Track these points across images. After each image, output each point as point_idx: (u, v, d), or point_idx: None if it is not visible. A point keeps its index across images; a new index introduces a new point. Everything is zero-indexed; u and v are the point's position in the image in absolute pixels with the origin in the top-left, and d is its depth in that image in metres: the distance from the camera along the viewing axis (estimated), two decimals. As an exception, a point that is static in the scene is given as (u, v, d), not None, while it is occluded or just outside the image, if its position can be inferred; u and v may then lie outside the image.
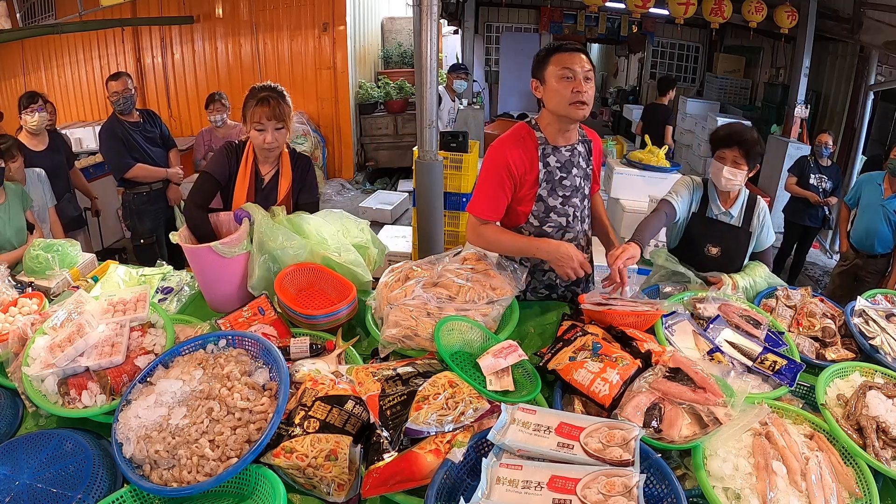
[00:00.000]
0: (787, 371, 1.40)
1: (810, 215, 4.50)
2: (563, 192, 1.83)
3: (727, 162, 1.98)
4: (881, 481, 1.19)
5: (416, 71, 2.93)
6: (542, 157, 1.79)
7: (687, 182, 2.13)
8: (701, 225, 2.10)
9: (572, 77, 1.66)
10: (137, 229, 3.60)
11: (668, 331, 1.57)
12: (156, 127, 3.60)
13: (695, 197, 2.10)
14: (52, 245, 2.01)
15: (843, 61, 5.81)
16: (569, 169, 1.83)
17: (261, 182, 2.05)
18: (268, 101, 1.89)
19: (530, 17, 8.26)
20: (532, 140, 1.79)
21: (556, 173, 1.81)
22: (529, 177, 1.79)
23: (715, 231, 2.08)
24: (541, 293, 1.98)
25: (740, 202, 2.09)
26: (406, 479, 1.07)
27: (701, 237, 2.08)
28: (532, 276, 1.95)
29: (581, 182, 1.88)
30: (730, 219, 2.08)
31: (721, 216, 2.08)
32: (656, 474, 1.08)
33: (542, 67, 1.71)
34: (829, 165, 4.46)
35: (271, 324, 1.60)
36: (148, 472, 1.11)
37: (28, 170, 2.97)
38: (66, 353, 1.32)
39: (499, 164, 1.77)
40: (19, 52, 7.38)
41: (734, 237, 2.07)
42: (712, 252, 2.05)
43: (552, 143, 1.81)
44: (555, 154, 1.81)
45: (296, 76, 7.15)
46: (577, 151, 1.86)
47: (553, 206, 1.83)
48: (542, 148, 1.79)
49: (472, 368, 1.43)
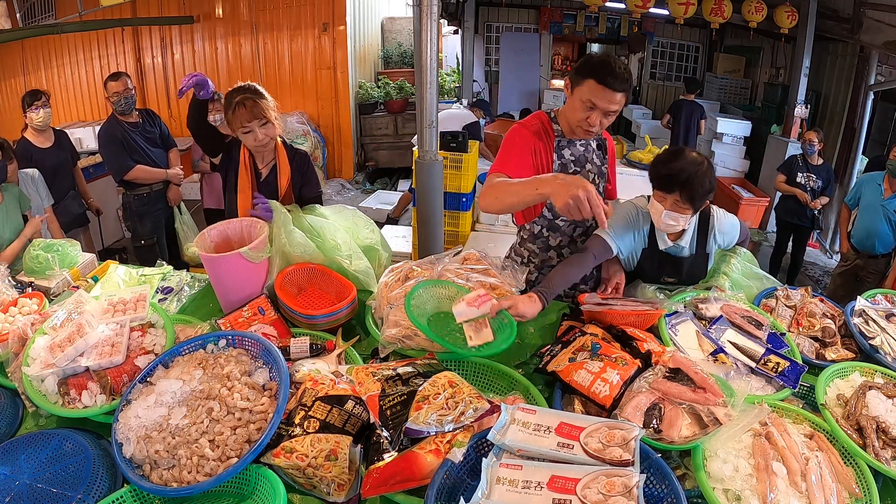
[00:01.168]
0: (790, 373, 1.40)
1: (800, 214, 4.51)
2: None
3: (667, 205, 1.69)
4: (881, 481, 1.19)
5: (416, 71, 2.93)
6: (557, 148, 1.81)
7: (629, 214, 1.84)
8: (652, 259, 1.86)
9: (593, 109, 1.68)
10: (138, 230, 3.59)
11: (672, 330, 1.57)
12: (155, 127, 3.59)
13: (641, 231, 1.84)
14: (52, 245, 2.01)
15: (843, 61, 5.81)
16: (583, 163, 1.87)
17: (259, 176, 2.10)
18: (243, 104, 1.92)
19: (530, 17, 8.26)
20: (551, 130, 1.82)
21: (570, 166, 1.84)
22: (547, 165, 1.81)
23: (668, 263, 1.86)
24: None
25: (690, 233, 1.81)
26: (406, 479, 1.07)
27: (655, 270, 1.88)
28: (539, 271, 1.97)
29: (595, 178, 1.91)
30: (680, 251, 1.83)
31: (670, 249, 1.83)
32: (656, 474, 1.08)
33: (579, 79, 1.68)
34: (819, 164, 4.46)
35: (271, 324, 1.60)
36: (148, 472, 1.11)
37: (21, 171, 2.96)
38: (66, 353, 1.32)
39: (526, 140, 1.77)
40: (19, 52, 7.37)
41: (690, 265, 1.87)
42: (669, 281, 1.88)
43: (568, 137, 1.83)
44: (570, 147, 1.84)
45: (296, 76, 7.15)
46: (590, 147, 1.90)
47: None
48: (559, 140, 1.82)
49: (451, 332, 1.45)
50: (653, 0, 5.36)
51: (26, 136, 3.42)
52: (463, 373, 1.44)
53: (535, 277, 1.98)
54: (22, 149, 3.37)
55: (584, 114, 1.68)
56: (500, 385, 1.43)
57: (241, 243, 1.74)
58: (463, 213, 4.21)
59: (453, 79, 8.38)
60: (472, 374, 1.47)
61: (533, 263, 1.96)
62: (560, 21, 8.17)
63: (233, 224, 1.83)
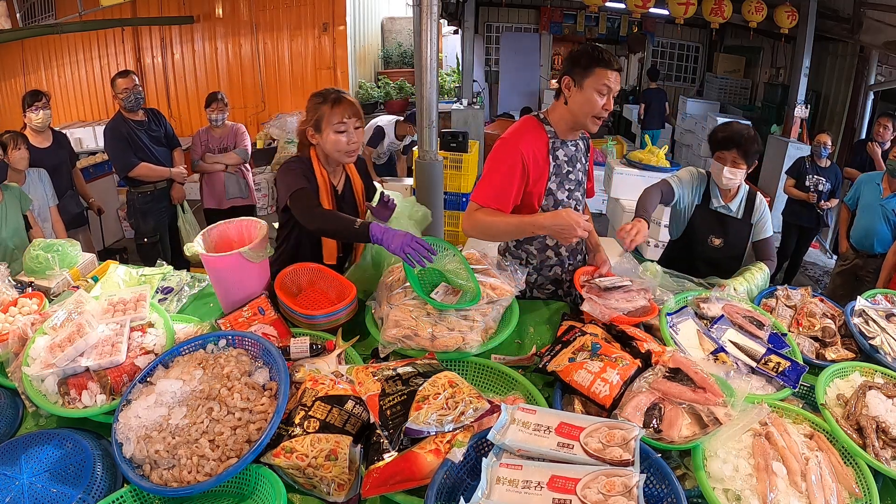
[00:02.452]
0: (791, 373, 1.40)
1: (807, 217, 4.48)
2: (569, 186, 1.87)
3: (727, 162, 2.07)
4: (881, 481, 1.19)
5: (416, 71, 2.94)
6: (552, 150, 1.81)
7: (692, 172, 2.22)
8: (704, 216, 2.18)
9: (607, 94, 1.69)
10: (141, 228, 3.60)
11: (673, 329, 1.57)
12: (160, 126, 3.61)
13: (698, 189, 2.19)
14: (52, 245, 2.01)
15: (843, 61, 5.81)
16: (573, 163, 1.88)
17: (337, 194, 1.93)
18: (341, 99, 1.78)
19: (530, 17, 8.26)
20: (542, 134, 1.81)
21: (563, 167, 1.85)
22: (543, 171, 1.80)
23: (718, 223, 2.17)
24: (547, 289, 2.00)
25: (740, 197, 2.18)
26: (406, 479, 1.07)
27: (704, 229, 2.17)
28: (538, 272, 1.97)
29: (582, 176, 1.94)
30: (729, 212, 2.17)
31: (721, 209, 2.17)
32: (656, 474, 1.08)
33: (583, 73, 1.69)
34: (827, 166, 4.43)
35: (271, 324, 1.60)
36: (148, 472, 1.11)
37: (29, 170, 2.99)
38: (66, 353, 1.32)
39: (511, 156, 1.75)
40: (19, 52, 7.38)
41: (736, 229, 2.17)
42: (715, 243, 2.12)
43: (560, 138, 1.83)
44: (563, 148, 1.84)
45: (296, 76, 7.16)
46: (579, 147, 1.91)
47: (561, 200, 1.86)
48: (552, 142, 1.81)
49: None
50: (653, 0, 5.36)
51: (25, 135, 3.42)
52: (463, 373, 1.44)
53: (535, 279, 1.98)
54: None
55: (600, 101, 1.70)
56: (500, 385, 1.44)
57: (242, 243, 1.74)
58: (463, 213, 4.21)
59: (453, 79, 8.38)
60: (472, 374, 1.47)
61: (531, 265, 1.96)
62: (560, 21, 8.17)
63: (233, 224, 1.83)
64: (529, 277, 1.97)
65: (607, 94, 1.70)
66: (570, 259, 1.99)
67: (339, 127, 1.77)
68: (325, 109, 1.77)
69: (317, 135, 1.80)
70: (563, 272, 1.98)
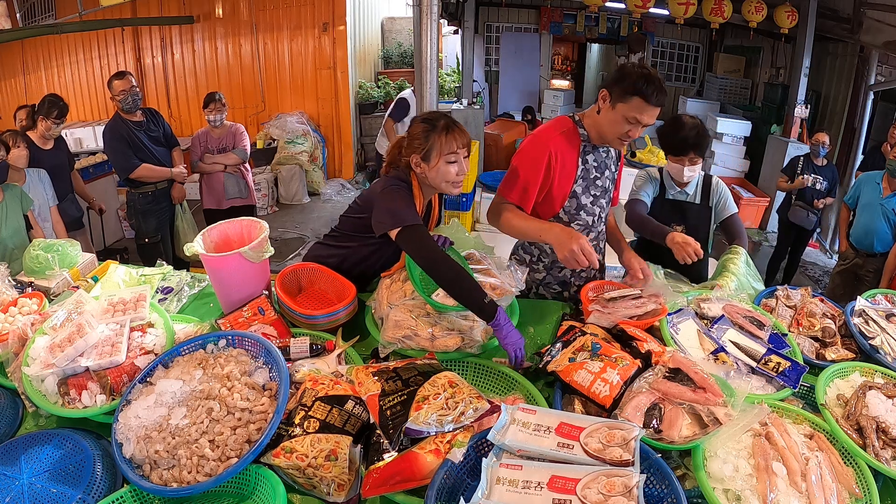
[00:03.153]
0: (791, 373, 1.40)
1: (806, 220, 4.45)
2: (595, 192, 1.87)
3: (685, 163, 2.21)
4: (881, 481, 1.19)
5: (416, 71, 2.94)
6: (582, 153, 1.81)
7: (644, 176, 2.38)
8: (663, 207, 2.32)
9: (636, 124, 1.67)
10: (142, 228, 3.60)
11: (673, 329, 1.57)
12: (159, 126, 3.60)
13: (655, 185, 2.35)
14: (52, 245, 2.01)
15: (843, 61, 5.81)
16: (602, 170, 1.87)
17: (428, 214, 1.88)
18: (452, 127, 1.66)
19: (530, 17, 8.25)
20: (576, 136, 1.80)
21: (591, 172, 1.84)
22: (570, 173, 1.80)
23: (676, 211, 2.31)
24: (554, 289, 2.00)
25: (694, 182, 2.32)
26: (406, 479, 1.07)
27: (664, 219, 2.21)
28: (548, 271, 1.97)
29: (609, 184, 1.92)
30: (686, 197, 2.32)
31: (678, 196, 2.32)
32: (656, 474, 1.08)
33: (620, 94, 1.64)
34: (824, 165, 4.44)
35: (271, 324, 1.60)
36: (148, 472, 1.11)
37: (29, 170, 2.99)
38: (66, 353, 1.32)
39: (540, 153, 1.75)
40: (19, 52, 7.38)
41: (695, 213, 2.30)
42: (677, 230, 2.11)
43: (593, 143, 1.82)
44: (594, 153, 1.84)
45: (296, 76, 7.15)
46: (610, 154, 1.91)
47: (584, 205, 1.85)
48: (584, 146, 1.81)
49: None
50: (653, 0, 5.36)
51: (29, 136, 3.44)
52: (463, 373, 1.44)
53: (543, 277, 1.98)
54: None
55: (626, 128, 1.67)
56: (500, 385, 1.44)
57: (241, 243, 1.73)
58: (463, 213, 4.22)
59: (453, 79, 8.38)
60: (472, 374, 1.47)
61: (542, 263, 1.96)
62: (560, 21, 8.16)
63: (233, 224, 1.83)
64: (538, 275, 1.98)
65: (635, 125, 1.66)
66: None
67: (450, 158, 1.65)
68: (437, 139, 1.64)
69: (423, 164, 1.67)
70: (572, 275, 1.98)
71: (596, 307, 1.62)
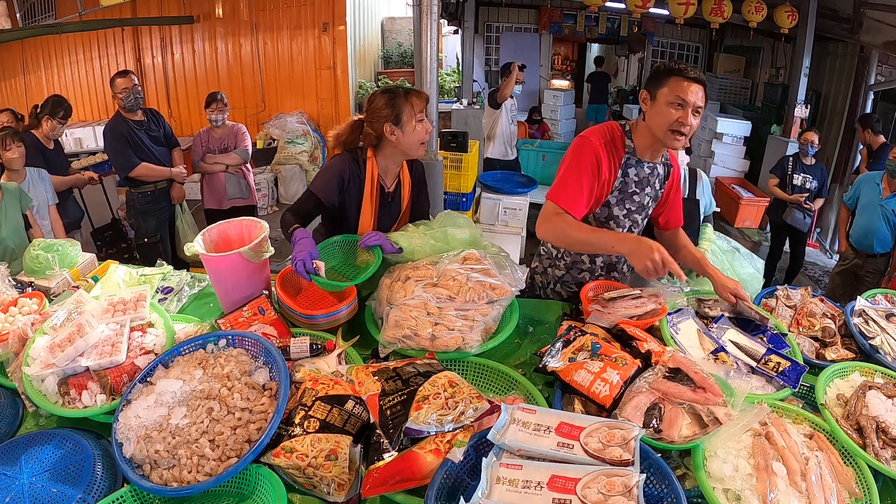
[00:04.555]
0: (791, 373, 1.40)
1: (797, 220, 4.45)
2: (630, 206, 1.81)
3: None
4: (881, 481, 1.19)
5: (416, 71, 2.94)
6: (623, 166, 1.75)
7: None
8: None
9: (682, 106, 1.59)
10: (141, 228, 3.61)
11: (673, 329, 1.57)
12: (160, 126, 3.61)
13: None
14: (52, 245, 2.01)
15: (843, 61, 5.81)
16: (643, 186, 1.80)
17: (386, 197, 1.95)
18: (412, 91, 1.83)
19: (530, 17, 8.26)
20: (621, 146, 1.74)
21: (630, 186, 1.78)
22: (610, 180, 1.74)
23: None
24: (571, 288, 1.98)
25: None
26: (406, 479, 1.07)
27: None
28: (568, 270, 1.96)
29: (649, 202, 1.86)
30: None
31: None
32: (656, 474, 1.08)
33: (657, 84, 1.63)
34: (812, 164, 4.43)
35: (271, 324, 1.60)
36: (148, 472, 1.11)
37: (29, 168, 3.00)
38: (66, 353, 1.32)
39: (590, 158, 1.69)
40: (19, 52, 7.38)
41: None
42: None
43: (638, 156, 1.75)
44: (637, 167, 1.77)
45: (296, 76, 7.15)
46: (656, 171, 1.82)
47: (615, 216, 1.80)
48: (627, 158, 1.74)
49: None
50: (653, 0, 5.36)
51: (34, 133, 3.47)
52: (463, 373, 1.44)
53: (562, 275, 1.97)
54: (30, 141, 3.42)
55: (676, 113, 1.60)
56: (500, 385, 1.44)
57: (241, 243, 1.73)
58: (463, 213, 4.21)
59: (453, 79, 8.38)
60: (472, 374, 1.47)
61: (564, 261, 1.95)
62: (560, 21, 8.17)
63: (233, 224, 1.83)
64: (557, 272, 1.97)
65: (684, 107, 1.58)
66: (603, 271, 1.96)
67: (420, 117, 1.81)
68: (403, 102, 1.78)
69: (397, 129, 1.79)
70: (590, 278, 1.94)
71: (596, 307, 1.62)
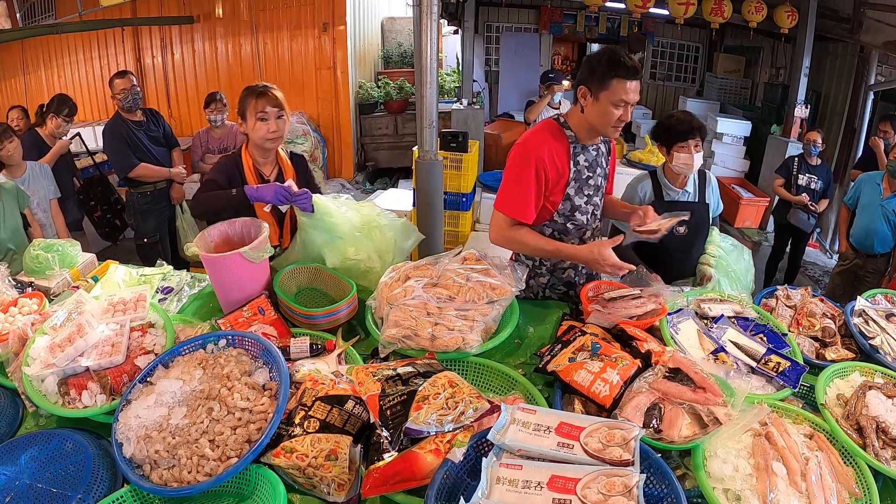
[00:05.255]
0: (791, 373, 1.40)
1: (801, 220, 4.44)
2: (588, 191, 1.86)
3: (691, 150, 2.23)
4: (881, 481, 1.19)
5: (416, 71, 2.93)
6: (572, 155, 1.79)
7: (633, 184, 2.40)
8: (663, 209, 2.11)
9: (624, 106, 1.65)
10: (141, 228, 3.61)
11: (673, 329, 1.57)
12: (159, 126, 3.62)
13: (645, 188, 2.36)
14: (52, 245, 2.01)
15: (843, 61, 5.81)
16: (594, 168, 1.86)
17: (264, 180, 2.05)
18: (267, 93, 1.94)
19: (530, 17, 8.24)
20: (563, 139, 1.78)
21: (583, 172, 1.83)
22: (562, 176, 1.78)
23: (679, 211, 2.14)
24: (560, 290, 2.00)
25: (692, 179, 2.34)
26: (406, 479, 1.07)
27: None
28: (552, 273, 1.98)
29: (601, 181, 1.91)
30: (687, 196, 2.33)
31: (679, 198, 2.31)
32: (656, 474, 1.08)
33: (599, 84, 1.65)
34: (818, 164, 4.41)
35: (271, 324, 1.60)
36: (148, 472, 1.11)
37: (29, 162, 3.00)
38: (66, 353, 1.32)
39: (529, 163, 1.73)
40: (19, 52, 7.37)
41: (697, 213, 2.24)
42: (680, 231, 2.09)
43: (581, 143, 1.81)
44: (584, 153, 1.82)
45: (296, 76, 7.14)
46: (600, 150, 1.89)
47: (578, 205, 1.84)
48: (573, 147, 1.79)
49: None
50: (653, 0, 5.35)
51: (38, 132, 3.47)
52: (463, 373, 1.44)
53: (548, 280, 1.98)
54: (33, 139, 3.42)
55: (618, 113, 1.66)
56: (500, 385, 1.44)
57: (242, 243, 1.73)
58: (463, 213, 4.21)
59: (453, 79, 8.37)
60: (472, 374, 1.47)
61: (545, 266, 1.96)
62: (560, 21, 8.15)
63: (233, 224, 1.83)
64: (542, 279, 1.98)
65: (626, 106, 1.65)
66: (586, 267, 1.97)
67: (261, 115, 1.93)
68: (251, 100, 1.94)
69: (245, 124, 1.98)
70: (575, 275, 1.98)
71: (596, 307, 1.62)
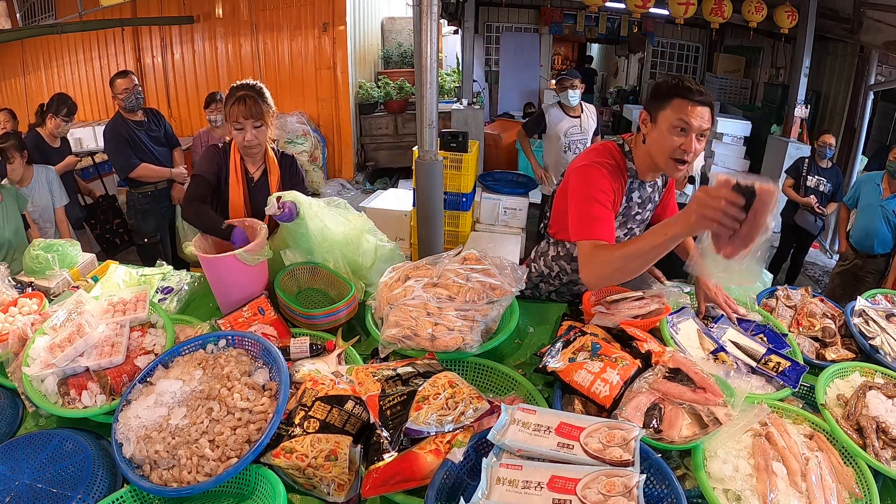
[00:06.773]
0: (791, 373, 1.40)
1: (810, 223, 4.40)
2: (631, 225, 1.79)
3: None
4: (881, 481, 1.19)
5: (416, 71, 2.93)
6: (627, 191, 1.67)
7: None
8: None
9: (686, 131, 1.46)
10: (141, 228, 3.62)
11: (673, 329, 1.57)
12: (160, 126, 3.62)
13: None
14: (52, 245, 2.01)
15: (843, 61, 5.81)
16: (645, 205, 1.78)
17: (251, 181, 2.06)
18: (244, 100, 1.89)
19: (530, 17, 8.25)
20: (624, 169, 1.64)
21: (634, 208, 1.74)
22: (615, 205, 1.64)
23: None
24: (566, 298, 1.99)
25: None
26: (406, 479, 1.07)
27: None
28: (563, 285, 1.96)
29: (649, 215, 1.83)
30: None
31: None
32: (656, 474, 1.08)
33: (659, 105, 1.49)
34: (829, 167, 4.37)
35: (271, 324, 1.60)
36: (148, 473, 1.11)
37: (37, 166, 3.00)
38: (66, 353, 1.32)
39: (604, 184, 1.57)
40: (19, 52, 7.38)
41: None
42: None
43: (640, 179, 1.68)
44: (639, 190, 1.71)
45: (296, 76, 7.14)
46: (657, 186, 1.78)
47: (616, 237, 1.72)
48: (631, 182, 1.67)
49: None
50: (653, 0, 5.35)
51: (39, 132, 3.47)
52: (463, 373, 1.44)
53: (557, 287, 1.96)
54: (35, 140, 3.41)
55: (679, 139, 1.47)
56: (499, 385, 1.44)
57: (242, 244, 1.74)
58: (463, 213, 4.21)
59: (453, 79, 8.37)
60: (472, 374, 1.47)
61: (560, 280, 1.93)
62: (560, 21, 8.16)
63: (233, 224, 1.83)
64: (550, 286, 1.97)
65: (688, 132, 1.45)
66: None
67: (236, 125, 1.91)
68: (229, 105, 1.91)
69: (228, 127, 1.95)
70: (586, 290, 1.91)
71: (599, 308, 1.62)
